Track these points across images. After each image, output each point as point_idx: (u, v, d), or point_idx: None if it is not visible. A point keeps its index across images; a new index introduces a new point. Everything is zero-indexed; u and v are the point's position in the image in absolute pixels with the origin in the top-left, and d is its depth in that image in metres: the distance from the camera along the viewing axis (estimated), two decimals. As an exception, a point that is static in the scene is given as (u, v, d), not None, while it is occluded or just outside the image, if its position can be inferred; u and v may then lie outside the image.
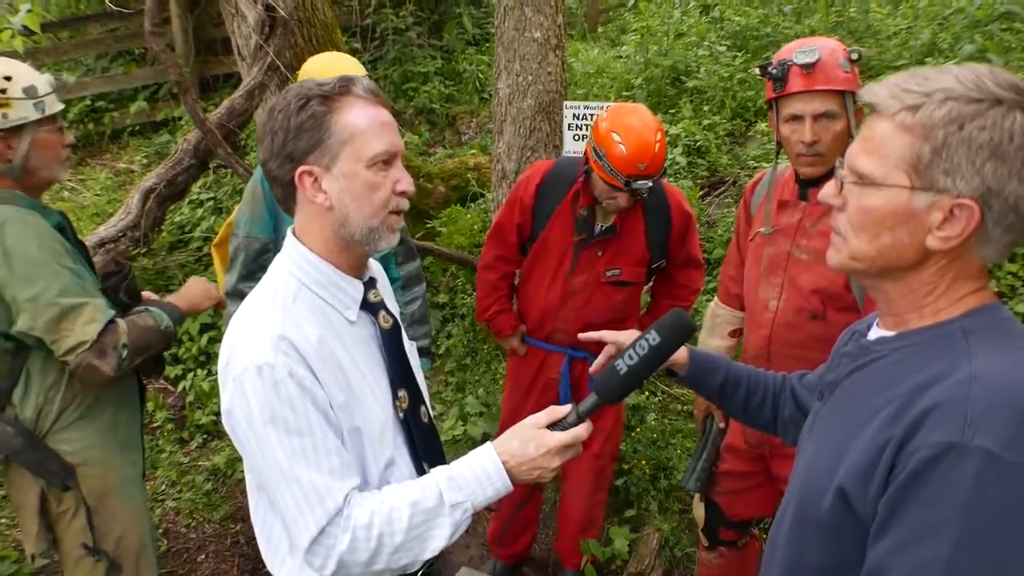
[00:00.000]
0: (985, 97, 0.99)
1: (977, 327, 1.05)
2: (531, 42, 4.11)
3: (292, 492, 1.28)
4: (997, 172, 0.98)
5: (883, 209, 1.06)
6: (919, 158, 1.02)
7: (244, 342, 1.32)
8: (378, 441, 1.41)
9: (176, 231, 5.50)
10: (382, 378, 1.47)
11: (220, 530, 3.60)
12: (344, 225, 1.37)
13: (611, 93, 6.60)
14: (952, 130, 0.99)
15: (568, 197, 2.70)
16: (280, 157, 1.35)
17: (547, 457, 1.36)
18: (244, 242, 2.68)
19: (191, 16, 7.02)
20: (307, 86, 1.36)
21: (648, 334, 1.41)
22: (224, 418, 1.36)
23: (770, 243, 2.28)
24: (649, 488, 3.56)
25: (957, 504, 0.94)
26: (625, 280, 2.76)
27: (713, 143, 5.71)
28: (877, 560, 1.02)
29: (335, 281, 1.41)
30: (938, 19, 5.77)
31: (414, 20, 7.38)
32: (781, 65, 2.13)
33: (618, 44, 7.88)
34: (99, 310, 2.04)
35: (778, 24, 6.60)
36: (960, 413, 0.96)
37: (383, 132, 1.37)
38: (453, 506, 1.33)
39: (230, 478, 3.90)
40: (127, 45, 7.53)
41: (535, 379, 2.97)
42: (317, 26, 5.33)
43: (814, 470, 1.18)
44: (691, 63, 6.47)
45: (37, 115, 2.07)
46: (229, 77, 7.28)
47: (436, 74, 7.39)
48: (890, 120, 1.04)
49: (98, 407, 2.23)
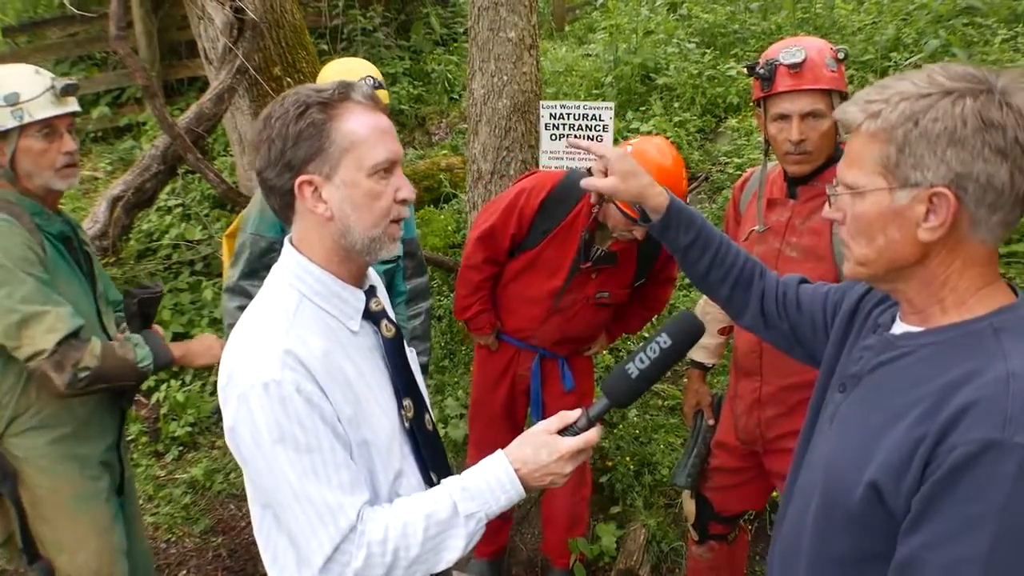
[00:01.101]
0: (935, 90, 1.05)
1: (1007, 325, 1.07)
2: (506, 42, 4.09)
3: (304, 510, 1.25)
4: (960, 156, 1.03)
5: (871, 213, 1.12)
6: (888, 159, 1.08)
7: (248, 358, 1.28)
8: (387, 453, 1.39)
9: (144, 239, 5.39)
10: (387, 388, 1.44)
11: (201, 544, 3.53)
12: (345, 235, 1.34)
13: (581, 91, 6.62)
14: (909, 127, 1.05)
15: (571, 217, 2.68)
16: (278, 166, 1.31)
17: (560, 463, 1.35)
18: (251, 239, 2.62)
19: (155, 19, 6.89)
20: (304, 92, 1.32)
21: (659, 337, 1.40)
22: (228, 436, 1.32)
23: (760, 241, 2.29)
24: (634, 484, 3.56)
25: (997, 501, 0.95)
26: (610, 302, 2.82)
27: (684, 140, 5.75)
28: (910, 554, 1.04)
29: (336, 292, 1.38)
30: (902, 14, 5.87)
31: (381, 21, 7.33)
32: (768, 65, 2.14)
33: (586, 42, 7.91)
34: (61, 319, 2.00)
35: (745, 21, 6.67)
36: (999, 410, 0.97)
37: (384, 139, 1.33)
38: (468, 516, 1.31)
39: (209, 490, 3.83)
40: (88, 49, 7.38)
41: (503, 373, 2.99)
42: (286, 28, 5.27)
43: (840, 463, 1.18)
44: (660, 61, 6.51)
45: (15, 122, 2.03)
46: (194, 81, 7.17)
47: (404, 75, 7.35)
48: (859, 132, 1.12)
49: (58, 419, 2.17)
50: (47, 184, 2.13)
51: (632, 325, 3.10)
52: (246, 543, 3.51)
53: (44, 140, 2.10)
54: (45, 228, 2.13)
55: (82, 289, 2.19)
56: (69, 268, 2.18)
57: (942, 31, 5.13)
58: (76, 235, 2.24)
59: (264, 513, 1.40)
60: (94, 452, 2.26)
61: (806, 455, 1.37)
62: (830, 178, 2.18)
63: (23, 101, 2.04)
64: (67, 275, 2.16)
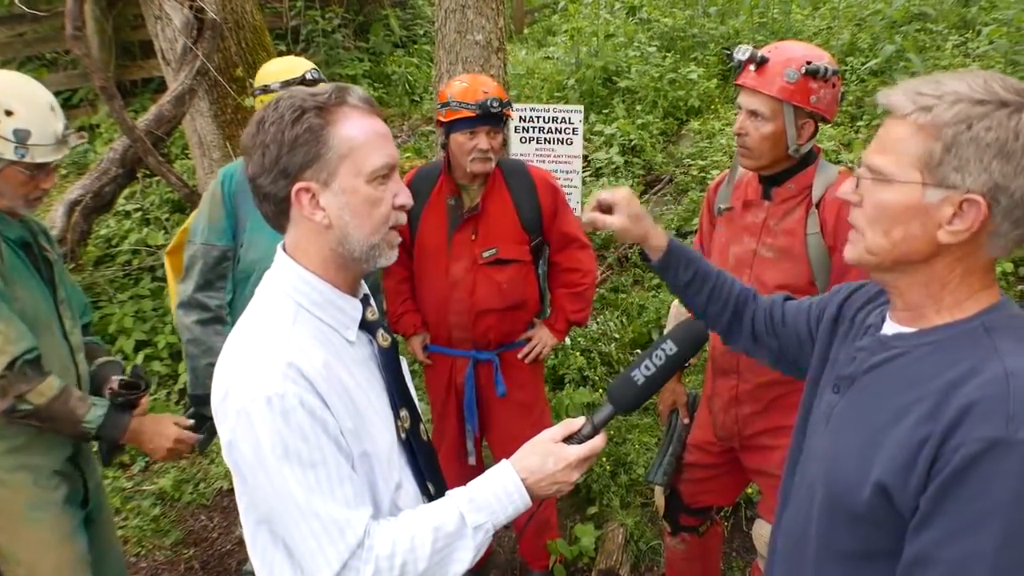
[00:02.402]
0: (992, 99, 1.05)
1: (997, 324, 1.11)
2: (473, 45, 4.10)
3: (311, 527, 1.22)
4: (1003, 169, 1.04)
5: (897, 204, 1.11)
6: (931, 156, 1.07)
7: (247, 371, 1.24)
8: (387, 464, 1.37)
9: (103, 245, 5.25)
10: (383, 399, 1.42)
11: (172, 556, 3.45)
12: (343, 243, 1.30)
13: (543, 94, 6.65)
14: (961, 129, 1.05)
15: (435, 191, 2.77)
16: (273, 172, 1.26)
17: (567, 471, 1.35)
18: (202, 249, 2.57)
19: (109, 18, 6.72)
20: (300, 96, 1.28)
21: (665, 344, 1.42)
22: (225, 451, 1.28)
23: (736, 242, 2.34)
24: (610, 484, 3.59)
25: (1003, 497, 0.98)
26: (504, 258, 2.76)
27: (648, 142, 5.83)
28: (920, 552, 1.06)
29: (333, 301, 1.34)
30: (856, 20, 6.03)
31: (340, 22, 7.27)
32: (738, 58, 2.21)
33: (545, 45, 7.95)
34: (11, 341, 1.96)
35: (704, 25, 6.78)
36: (1002, 409, 1.01)
37: (381, 144, 1.30)
38: (476, 528, 1.30)
39: (178, 501, 3.76)
40: (38, 49, 7.16)
41: (448, 387, 2.96)
42: (246, 28, 5.19)
43: (842, 463, 1.21)
44: (622, 64, 6.58)
45: (14, 158, 2.00)
46: (148, 81, 7.01)
47: (364, 76, 7.30)
48: (904, 121, 1.10)
49: (9, 430, 2.11)
50: (13, 207, 2.10)
51: (566, 306, 2.94)
52: (219, 554, 3.45)
53: (29, 175, 2.07)
54: (4, 233, 2.08)
55: (42, 295, 2.14)
56: (28, 273, 2.13)
57: (897, 37, 5.28)
58: (36, 241, 2.19)
59: (259, 529, 1.36)
60: (48, 462, 2.20)
61: (802, 454, 1.41)
62: (804, 181, 2.24)
63: (30, 143, 2.01)
64: (26, 280, 2.11)
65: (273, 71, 2.64)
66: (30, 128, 2.00)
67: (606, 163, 5.63)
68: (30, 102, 2.03)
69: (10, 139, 1.98)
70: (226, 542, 3.51)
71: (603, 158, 5.67)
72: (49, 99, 2.11)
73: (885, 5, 5.67)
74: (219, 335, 2.58)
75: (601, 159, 5.68)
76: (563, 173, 4.02)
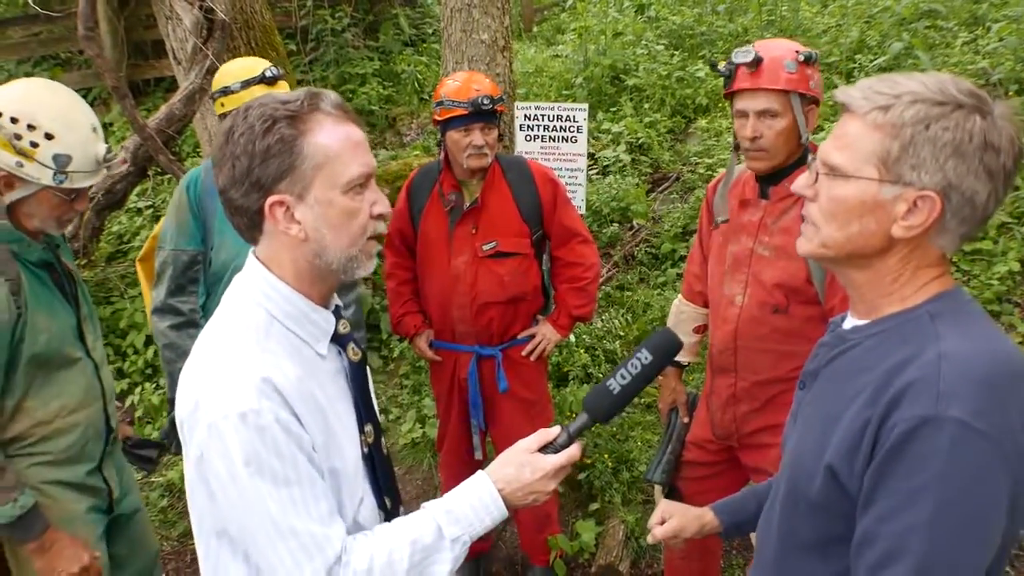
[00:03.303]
0: (949, 101, 1.09)
1: (942, 311, 1.14)
2: (479, 44, 4.12)
3: (287, 545, 1.20)
4: (957, 168, 1.08)
5: (853, 199, 1.15)
6: (888, 153, 1.11)
7: (219, 384, 1.20)
8: (352, 480, 1.35)
9: (115, 241, 5.32)
10: (351, 413, 1.39)
11: (179, 547, 3.52)
12: (320, 255, 1.27)
13: (552, 92, 6.67)
14: (919, 129, 1.09)
15: (435, 190, 2.83)
16: (244, 185, 1.22)
17: (543, 481, 1.35)
18: (171, 255, 2.61)
19: (121, 18, 6.79)
20: (270, 104, 1.23)
21: (640, 353, 1.43)
22: (193, 466, 1.24)
23: (734, 241, 2.35)
24: (612, 481, 3.61)
25: (934, 471, 1.03)
26: (504, 251, 2.80)
27: (655, 140, 5.83)
28: (865, 529, 1.11)
29: (307, 314, 1.31)
30: (865, 17, 6.01)
31: (350, 22, 7.31)
32: (729, 64, 2.22)
33: (554, 43, 7.96)
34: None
35: (712, 23, 6.77)
36: (932, 389, 1.05)
37: (357, 153, 1.26)
38: (453, 540, 1.29)
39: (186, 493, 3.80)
40: (51, 49, 7.25)
41: (452, 383, 3.00)
42: (256, 28, 5.23)
43: (802, 453, 1.25)
44: (630, 62, 6.59)
45: (51, 183, 1.96)
46: (160, 81, 7.09)
47: (374, 75, 7.34)
48: (862, 119, 1.14)
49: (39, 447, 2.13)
50: (45, 228, 2.07)
51: (569, 301, 2.95)
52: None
53: (65, 199, 2.03)
54: (23, 256, 2.04)
55: (66, 314, 2.13)
56: (51, 294, 2.11)
57: (905, 34, 5.26)
58: (59, 259, 2.16)
59: (219, 543, 1.30)
60: (73, 476, 2.20)
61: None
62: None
63: (70, 169, 1.96)
64: (48, 301, 2.09)
65: (232, 71, 2.65)
66: (71, 153, 1.95)
67: (613, 161, 5.65)
68: (71, 124, 1.98)
69: (49, 165, 1.93)
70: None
71: (610, 156, 5.69)
72: (91, 120, 2.06)
73: (894, 2, 5.64)
74: (193, 338, 2.58)
75: (608, 157, 5.69)
76: (568, 171, 4.04)
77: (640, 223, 5.27)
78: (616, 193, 5.28)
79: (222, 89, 2.62)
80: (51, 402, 2.08)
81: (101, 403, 2.23)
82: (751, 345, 2.32)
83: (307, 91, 1.26)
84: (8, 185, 1.96)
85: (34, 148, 1.92)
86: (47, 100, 1.99)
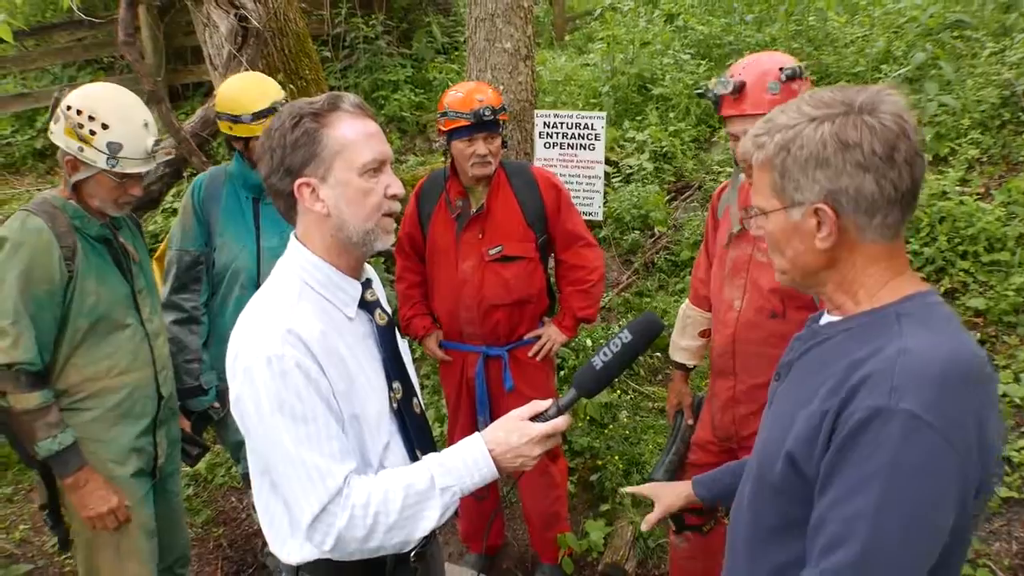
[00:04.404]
0: (800, 120, 1.20)
1: (910, 311, 1.20)
2: (502, 52, 4.22)
3: (297, 473, 1.38)
4: (826, 175, 1.18)
5: (777, 230, 1.28)
6: (775, 184, 1.24)
7: (253, 335, 1.42)
8: (375, 427, 1.52)
9: (150, 240, 5.50)
10: (378, 371, 1.57)
11: (203, 534, 3.65)
12: (341, 229, 1.48)
13: (579, 100, 6.74)
14: (784, 155, 1.21)
15: (442, 197, 2.94)
16: (280, 172, 1.46)
17: (529, 446, 1.48)
18: (176, 255, 2.81)
19: (161, 25, 7.02)
20: (299, 106, 1.48)
21: (622, 333, 1.53)
22: (232, 406, 1.46)
23: (734, 247, 2.41)
24: (623, 483, 3.66)
25: (884, 460, 1.09)
26: (509, 255, 2.89)
27: (679, 149, 5.87)
28: (818, 514, 1.17)
29: (335, 281, 1.52)
30: (893, 27, 5.98)
31: (384, 29, 7.45)
32: (713, 93, 2.26)
33: (585, 52, 8.03)
34: (14, 346, 2.16)
35: (740, 33, 6.79)
36: (887, 381, 1.11)
37: (371, 141, 1.48)
38: (443, 489, 1.43)
39: (211, 483, 3.95)
40: (95, 54, 7.52)
41: (460, 382, 3.10)
42: (289, 35, 5.39)
43: (769, 441, 1.33)
44: (656, 71, 6.63)
45: (106, 168, 2.25)
46: (199, 86, 7.30)
47: (406, 82, 7.47)
48: (755, 163, 1.28)
49: (89, 403, 2.36)
50: (104, 209, 2.35)
51: (573, 303, 3.03)
52: (246, 534, 3.63)
53: (120, 182, 2.30)
54: (84, 230, 2.31)
55: (117, 283, 2.39)
56: (105, 265, 2.37)
57: (929, 44, 5.24)
58: (116, 237, 2.42)
59: (263, 480, 1.53)
60: (123, 436, 2.41)
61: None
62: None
63: (121, 155, 2.24)
64: (100, 270, 2.35)
65: (241, 101, 2.76)
66: (122, 142, 2.25)
67: (636, 169, 5.70)
68: (125, 118, 2.28)
69: (103, 151, 2.23)
70: (253, 523, 3.69)
71: (634, 164, 5.74)
72: (144, 116, 2.34)
73: (920, 12, 5.62)
74: (193, 334, 2.83)
75: (632, 165, 5.75)
76: (585, 178, 4.11)
77: (661, 230, 5.32)
78: (636, 200, 5.34)
79: (232, 116, 2.74)
80: (101, 361, 2.35)
81: (151, 370, 2.47)
82: (749, 349, 2.37)
83: (330, 94, 1.50)
84: (74, 168, 2.29)
85: (92, 135, 2.23)
86: (107, 96, 2.31)
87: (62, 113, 2.26)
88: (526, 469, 1.50)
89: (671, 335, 2.94)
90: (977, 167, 4.58)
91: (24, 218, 2.25)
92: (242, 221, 2.86)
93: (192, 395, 2.84)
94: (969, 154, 4.58)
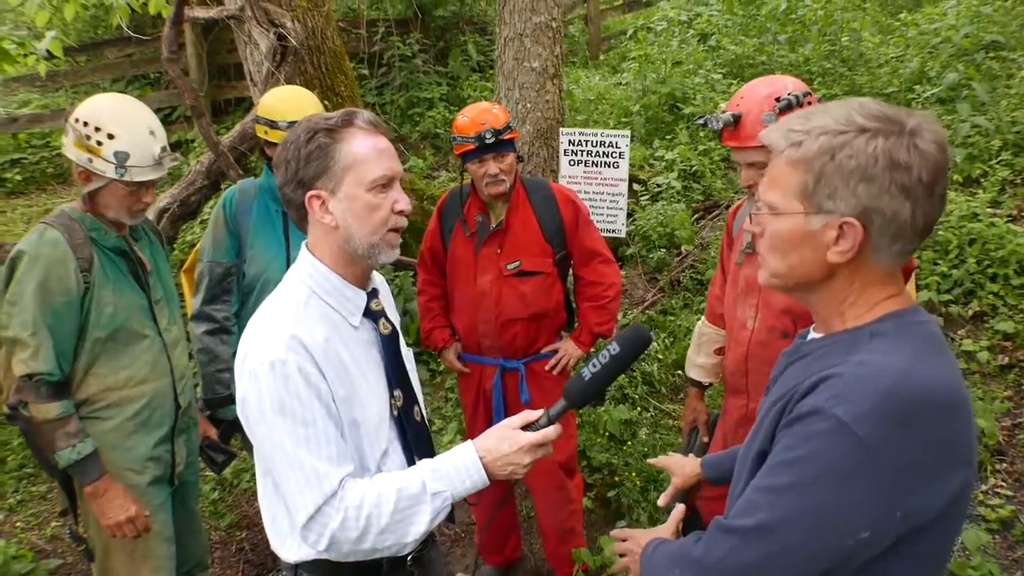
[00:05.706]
0: (851, 128, 1.15)
1: (885, 330, 1.21)
2: (530, 71, 4.30)
3: (295, 474, 1.43)
4: (869, 191, 1.14)
5: (787, 232, 1.23)
6: (806, 187, 1.19)
7: (259, 339, 1.48)
8: (375, 433, 1.57)
9: (188, 249, 5.67)
10: (380, 378, 1.62)
11: (226, 537, 3.73)
12: (348, 241, 1.53)
13: (610, 119, 6.79)
14: (826, 160, 1.16)
15: (463, 212, 3.00)
16: (293, 183, 1.53)
17: (519, 454, 1.50)
18: (208, 267, 2.85)
19: (205, 42, 7.25)
20: (315, 120, 1.54)
21: (611, 345, 1.55)
22: (238, 407, 1.51)
23: (747, 265, 2.42)
24: (640, 500, 3.67)
25: (800, 453, 1.15)
26: (527, 270, 2.94)
27: (708, 168, 5.89)
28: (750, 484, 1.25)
29: (341, 290, 1.57)
30: (928, 48, 5.94)
31: (420, 47, 7.59)
32: (711, 127, 2.31)
33: (619, 71, 8.09)
34: (35, 358, 2.21)
35: (773, 53, 6.79)
36: (834, 388, 1.14)
37: (381, 158, 1.53)
38: (434, 494, 1.47)
39: (236, 488, 4.04)
40: (143, 70, 7.79)
41: (477, 394, 3.15)
42: (326, 53, 5.53)
43: (748, 448, 1.36)
44: (688, 90, 6.66)
45: (115, 177, 2.29)
46: (241, 101, 7.50)
47: (441, 100, 7.59)
48: (782, 157, 1.22)
49: (109, 413, 2.40)
50: (118, 219, 2.40)
51: (590, 319, 3.07)
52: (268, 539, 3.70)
53: (130, 191, 2.34)
54: (100, 242, 2.36)
55: (134, 294, 2.43)
56: (122, 276, 2.41)
57: (961, 64, 5.20)
58: (132, 249, 2.46)
59: (266, 481, 1.58)
60: (141, 445, 2.45)
61: None
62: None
63: (129, 164, 2.29)
64: (117, 281, 2.39)
65: (280, 109, 2.82)
66: (129, 151, 2.29)
67: (664, 188, 5.73)
68: (131, 126, 2.32)
69: (111, 160, 2.27)
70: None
71: (662, 183, 5.77)
72: (150, 123, 2.38)
73: (952, 32, 5.58)
74: (225, 344, 2.87)
75: (660, 184, 5.77)
76: (609, 196, 4.15)
77: (687, 249, 5.33)
78: (663, 219, 5.36)
79: (270, 121, 2.83)
80: (120, 371, 2.38)
81: (170, 379, 2.51)
82: (761, 368, 2.38)
83: (346, 110, 1.56)
84: (86, 179, 2.32)
85: (99, 146, 2.27)
86: (111, 106, 2.36)
87: (71, 126, 2.29)
88: (516, 477, 1.53)
89: (688, 353, 2.95)
90: (1009, 189, 4.53)
91: (42, 231, 2.29)
92: (272, 232, 2.92)
93: (223, 404, 2.89)
94: (1001, 175, 4.53)
